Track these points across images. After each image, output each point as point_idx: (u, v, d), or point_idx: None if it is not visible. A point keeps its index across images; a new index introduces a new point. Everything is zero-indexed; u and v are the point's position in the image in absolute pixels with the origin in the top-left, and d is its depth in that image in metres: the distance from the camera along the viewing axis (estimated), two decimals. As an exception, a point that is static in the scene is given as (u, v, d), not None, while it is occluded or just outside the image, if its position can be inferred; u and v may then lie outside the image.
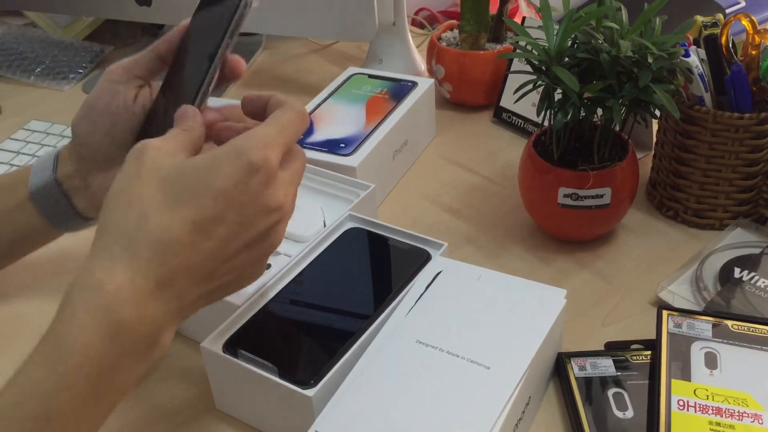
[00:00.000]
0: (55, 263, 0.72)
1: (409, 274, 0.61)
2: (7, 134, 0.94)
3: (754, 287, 0.64)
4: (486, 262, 0.70)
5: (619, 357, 0.58)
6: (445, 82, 0.94)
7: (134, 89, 0.60)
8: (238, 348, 0.55)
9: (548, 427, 0.56)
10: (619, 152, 0.70)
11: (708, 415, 0.52)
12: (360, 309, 0.59)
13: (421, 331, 0.55)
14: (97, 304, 0.41)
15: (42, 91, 1.07)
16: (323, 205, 0.71)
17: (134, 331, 0.42)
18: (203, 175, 0.44)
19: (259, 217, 0.46)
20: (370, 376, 0.52)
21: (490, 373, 0.52)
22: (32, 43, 1.14)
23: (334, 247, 0.65)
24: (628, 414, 0.54)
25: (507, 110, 0.92)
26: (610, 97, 0.63)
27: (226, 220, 0.44)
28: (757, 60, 0.67)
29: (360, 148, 0.77)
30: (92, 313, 0.41)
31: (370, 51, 1.00)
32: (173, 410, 0.59)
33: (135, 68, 0.60)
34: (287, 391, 0.52)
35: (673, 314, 0.59)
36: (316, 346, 0.57)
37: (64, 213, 0.63)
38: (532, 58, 0.66)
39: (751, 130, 0.68)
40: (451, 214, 0.79)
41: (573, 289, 0.66)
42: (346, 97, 0.86)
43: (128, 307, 0.41)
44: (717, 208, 0.73)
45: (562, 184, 0.67)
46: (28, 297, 0.71)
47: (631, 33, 0.64)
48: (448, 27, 0.98)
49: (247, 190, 0.45)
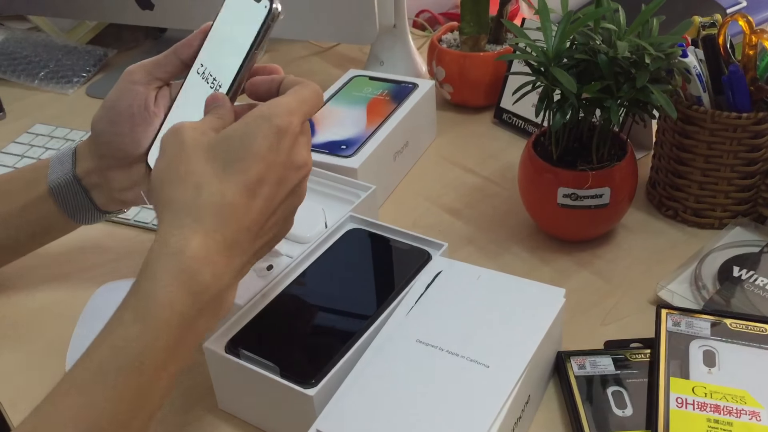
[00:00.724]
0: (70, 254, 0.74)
1: (410, 275, 0.61)
2: (12, 138, 0.94)
3: (753, 286, 0.64)
4: (486, 263, 0.71)
5: (619, 356, 0.59)
6: (446, 83, 0.94)
7: (154, 90, 0.61)
8: (240, 348, 0.56)
9: (548, 426, 0.57)
10: (618, 152, 0.70)
11: (706, 412, 0.52)
12: (361, 309, 0.59)
13: (421, 330, 0.56)
14: (179, 269, 0.45)
15: (46, 94, 1.08)
16: (324, 207, 0.71)
17: (211, 288, 0.46)
18: (243, 142, 0.48)
19: (291, 174, 0.50)
20: (371, 375, 0.53)
21: (490, 372, 0.52)
22: (36, 47, 1.15)
23: (335, 248, 0.65)
24: (628, 412, 0.55)
25: (507, 111, 0.92)
26: (608, 98, 0.64)
27: (268, 180, 0.49)
28: (754, 60, 0.68)
29: (361, 150, 0.78)
30: (176, 277, 0.45)
31: (371, 53, 1.01)
32: (176, 409, 0.60)
33: (155, 70, 0.61)
34: (289, 390, 0.53)
35: (672, 313, 0.60)
36: (318, 346, 0.58)
37: (83, 207, 0.65)
38: (531, 60, 0.66)
39: (749, 129, 0.68)
40: (452, 214, 0.79)
41: (573, 288, 0.66)
42: (347, 99, 0.87)
43: (206, 268, 0.46)
44: (716, 208, 0.73)
45: (562, 185, 0.68)
46: (46, 287, 0.72)
47: (628, 34, 0.64)
48: (448, 29, 0.99)
49: (280, 150, 0.49)
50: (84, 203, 0.65)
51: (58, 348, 0.64)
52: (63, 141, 0.93)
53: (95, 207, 0.65)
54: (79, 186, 0.64)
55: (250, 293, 0.60)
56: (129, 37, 1.20)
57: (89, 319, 0.66)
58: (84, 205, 0.65)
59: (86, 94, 1.07)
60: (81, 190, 0.64)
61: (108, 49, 1.15)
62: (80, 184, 0.64)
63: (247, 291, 0.62)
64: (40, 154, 0.91)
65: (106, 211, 0.66)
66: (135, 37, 1.21)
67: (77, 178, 0.64)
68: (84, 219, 0.66)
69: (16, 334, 0.68)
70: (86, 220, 0.66)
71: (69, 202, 0.64)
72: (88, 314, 0.66)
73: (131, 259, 0.75)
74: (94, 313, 0.66)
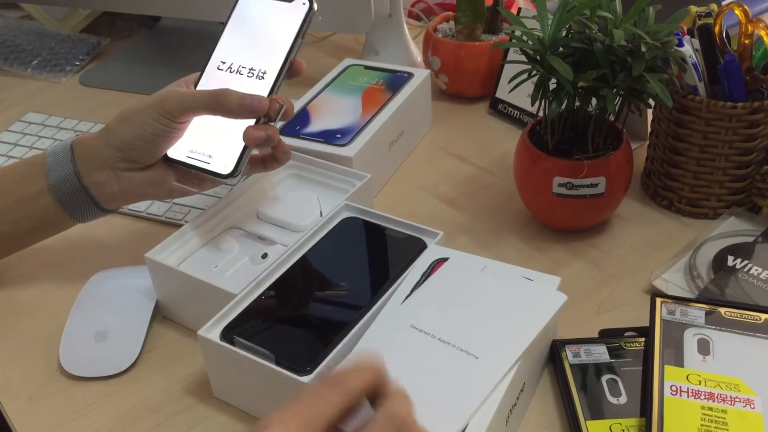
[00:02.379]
0: (60, 251, 0.73)
1: (405, 263, 0.61)
2: (5, 126, 0.94)
3: (747, 275, 0.64)
4: (481, 252, 0.71)
5: (613, 344, 0.59)
6: (441, 73, 0.94)
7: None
8: (235, 336, 0.56)
9: (543, 414, 0.57)
10: (614, 142, 0.70)
11: (700, 400, 0.52)
12: (356, 297, 0.59)
13: (416, 316, 0.55)
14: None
15: (39, 83, 1.07)
16: (319, 195, 0.71)
17: None
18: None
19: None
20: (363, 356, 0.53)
21: (478, 363, 0.52)
22: (29, 35, 1.14)
23: (330, 236, 0.65)
24: (622, 400, 0.55)
25: (503, 101, 0.92)
26: (604, 87, 0.64)
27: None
28: (750, 49, 0.68)
29: (356, 139, 0.77)
30: None
31: (367, 42, 1.00)
32: (171, 398, 0.60)
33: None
34: (284, 378, 0.53)
35: (666, 301, 0.60)
36: (312, 334, 0.57)
37: (83, 204, 0.64)
38: (527, 48, 0.66)
39: (744, 119, 0.68)
40: (447, 204, 0.79)
41: (568, 277, 0.66)
42: (342, 88, 0.87)
43: None
44: (711, 198, 0.73)
45: (557, 174, 0.68)
46: (32, 284, 0.71)
47: (624, 22, 0.64)
48: (444, 18, 0.99)
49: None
50: (84, 201, 0.64)
51: (51, 337, 0.64)
52: (56, 129, 0.92)
53: (95, 204, 0.65)
54: (79, 184, 0.63)
55: (245, 281, 0.60)
56: (122, 26, 1.20)
57: (82, 308, 0.66)
58: (84, 203, 0.64)
59: (79, 82, 1.06)
60: (81, 188, 0.63)
61: (101, 37, 1.15)
62: (80, 181, 0.63)
63: (241, 279, 0.62)
64: (33, 143, 0.90)
65: (106, 210, 0.66)
66: (128, 26, 1.20)
67: (78, 176, 0.63)
68: (84, 216, 0.66)
69: (8, 324, 0.67)
70: (86, 217, 0.66)
71: (69, 199, 0.64)
72: (80, 303, 0.66)
73: (124, 247, 0.74)
74: (87, 302, 0.66)
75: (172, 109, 0.61)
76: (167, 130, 0.62)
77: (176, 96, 0.61)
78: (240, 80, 0.63)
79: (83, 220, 0.67)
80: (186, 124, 0.63)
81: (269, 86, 0.62)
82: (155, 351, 0.64)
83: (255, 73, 0.60)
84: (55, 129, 0.92)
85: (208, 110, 0.61)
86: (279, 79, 0.62)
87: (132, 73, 1.07)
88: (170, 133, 0.62)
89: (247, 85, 0.63)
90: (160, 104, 0.61)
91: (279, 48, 0.62)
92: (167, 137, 0.62)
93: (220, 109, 0.60)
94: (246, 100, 0.60)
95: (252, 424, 0.57)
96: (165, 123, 0.61)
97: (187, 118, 0.62)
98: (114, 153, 0.63)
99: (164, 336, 0.65)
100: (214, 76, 0.64)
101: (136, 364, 0.62)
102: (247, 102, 0.60)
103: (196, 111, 0.62)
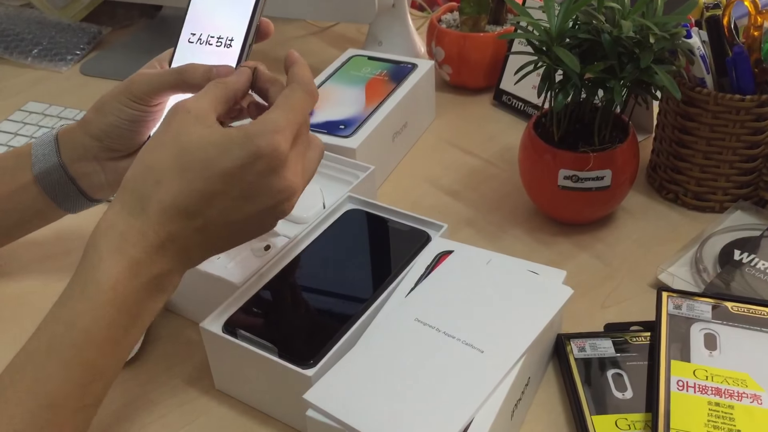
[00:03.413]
0: (55, 243, 0.73)
1: (409, 256, 0.61)
2: (5, 115, 0.93)
3: (753, 269, 0.64)
4: (485, 245, 0.70)
5: (619, 338, 0.58)
6: (445, 64, 0.93)
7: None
8: (237, 328, 0.55)
9: (548, 408, 0.56)
10: (620, 134, 0.69)
11: (707, 395, 0.52)
12: (360, 289, 0.59)
13: (421, 310, 0.55)
14: (119, 248, 0.48)
15: (39, 72, 1.06)
16: (323, 187, 0.71)
17: (148, 271, 0.49)
18: (214, 154, 0.49)
19: (264, 195, 0.50)
20: (366, 348, 0.52)
21: (483, 357, 0.51)
22: (29, 24, 1.14)
23: (333, 228, 0.65)
24: (627, 395, 0.54)
25: (507, 93, 0.91)
26: (611, 78, 0.63)
27: (229, 194, 0.49)
28: (758, 41, 0.67)
29: (359, 130, 0.77)
30: (117, 260, 0.48)
31: (370, 33, 1.00)
32: (173, 390, 0.59)
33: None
34: (286, 370, 0.52)
35: (672, 296, 0.59)
36: (315, 326, 0.57)
37: (70, 195, 0.64)
38: (533, 39, 0.65)
39: (752, 112, 0.68)
40: (451, 196, 0.79)
41: (573, 271, 0.66)
42: (345, 79, 0.86)
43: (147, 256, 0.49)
44: (717, 191, 0.73)
45: (563, 166, 0.67)
46: (29, 276, 0.71)
47: (632, 13, 0.63)
48: (448, 9, 0.98)
49: (252, 171, 0.49)
50: (71, 191, 0.63)
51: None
52: (56, 119, 0.92)
53: (83, 194, 0.64)
54: (65, 174, 0.62)
55: (248, 273, 0.60)
56: (123, 15, 1.19)
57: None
58: (71, 193, 0.63)
59: (80, 72, 1.05)
60: (67, 178, 0.62)
61: (102, 27, 1.14)
62: (66, 172, 0.62)
63: (244, 271, 0.61)
64: (33, 132, 0.89)
65: (94, 199, 0.65)
66: (130, 15, 1.19)
67: (63, 166, 0.62)
68: (73, 207, 0.65)
69: (6, 317, 0.67)
70: (75, 207, 0.65)
71: (55, 189, 0.63)
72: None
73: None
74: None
75: (141, 93, 0.59)
76: (141, 115, 0.60)
77: (144, 78, 0.59)
78: (210, 51, 0.59)
79: (72, 211, 0.65)
80: (161, 105, 0.60)
81: (236, 54, 0.58)
82: (157, 343, 0.63)
83: (223, 41, 0.58)
84: (55, 119, 0.92)
85: (175, 89, 0.59)
86: (246, 45, 0.58)
87: (133, 62, 1.05)
88: (144, 117, 0.60)
89: (217, 55, 0.59)
90: (129, 89, 0.59)
91: (242, 12, 0.58)
92: (142, 122, 0.60)
93: (187, 86, 0.58)
94: (212, 73, 0.57)
95: (254, 417, 0.57)
96: (136, 108, 0.59)
97: (158, 100, 0.60)
98: (94, 143, 0.61)
99: (166, 328, 0.65)
100: (187, 49, 0.61)
101: (137, 357, 0.62)
102: (213, 75, 0.57)
103: (165, 91, 0.59)
